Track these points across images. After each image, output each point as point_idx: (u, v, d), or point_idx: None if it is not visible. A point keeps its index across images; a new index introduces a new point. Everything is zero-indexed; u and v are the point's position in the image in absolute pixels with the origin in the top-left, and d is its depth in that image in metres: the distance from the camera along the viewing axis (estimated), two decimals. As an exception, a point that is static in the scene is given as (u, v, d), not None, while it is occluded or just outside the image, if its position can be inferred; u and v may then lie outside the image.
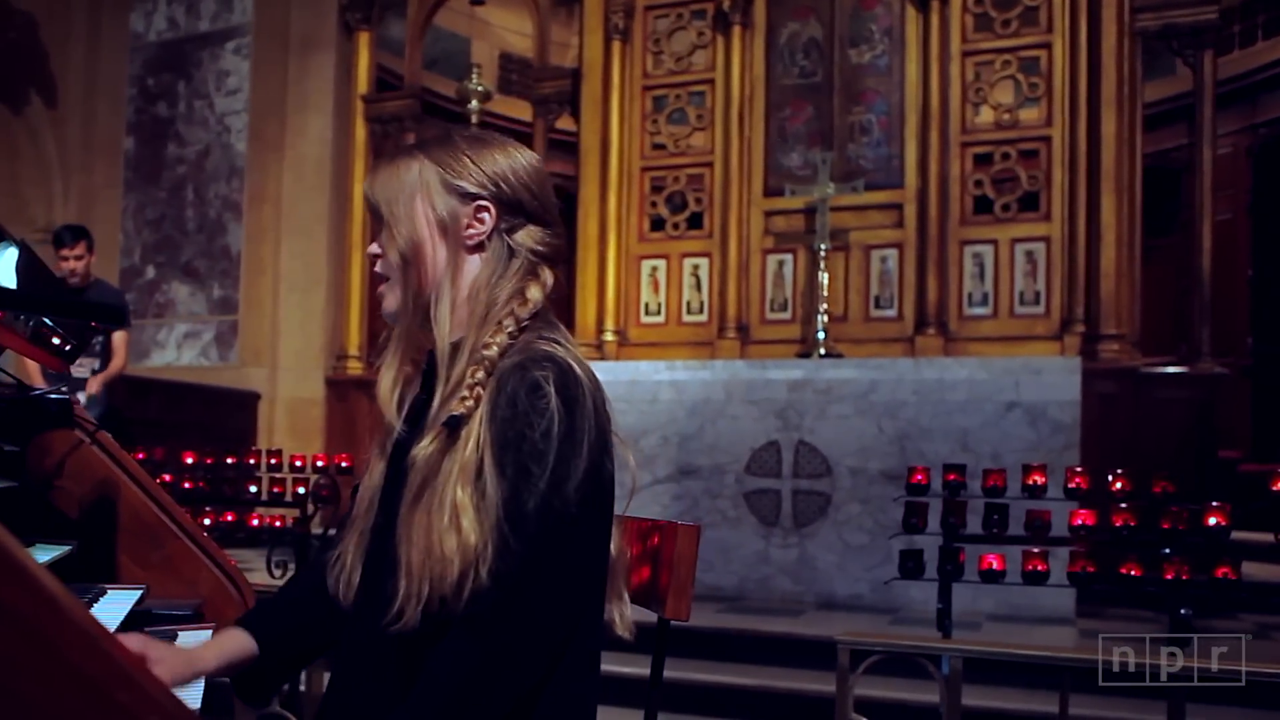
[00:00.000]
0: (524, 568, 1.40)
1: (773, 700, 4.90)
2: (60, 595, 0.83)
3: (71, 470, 2.51)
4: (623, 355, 7.86)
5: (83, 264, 6.75)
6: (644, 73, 8.29)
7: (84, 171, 10.76)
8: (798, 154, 7.81)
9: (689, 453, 6.59)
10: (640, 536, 1.96)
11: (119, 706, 0.84)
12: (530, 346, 1.51)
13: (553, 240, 1.65)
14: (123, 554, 2.52)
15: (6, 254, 1.93)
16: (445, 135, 1.69)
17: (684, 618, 1.84)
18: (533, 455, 1.41)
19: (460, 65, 11.13)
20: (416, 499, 1.47)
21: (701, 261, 7.95)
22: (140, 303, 10.25)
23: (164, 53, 10.47)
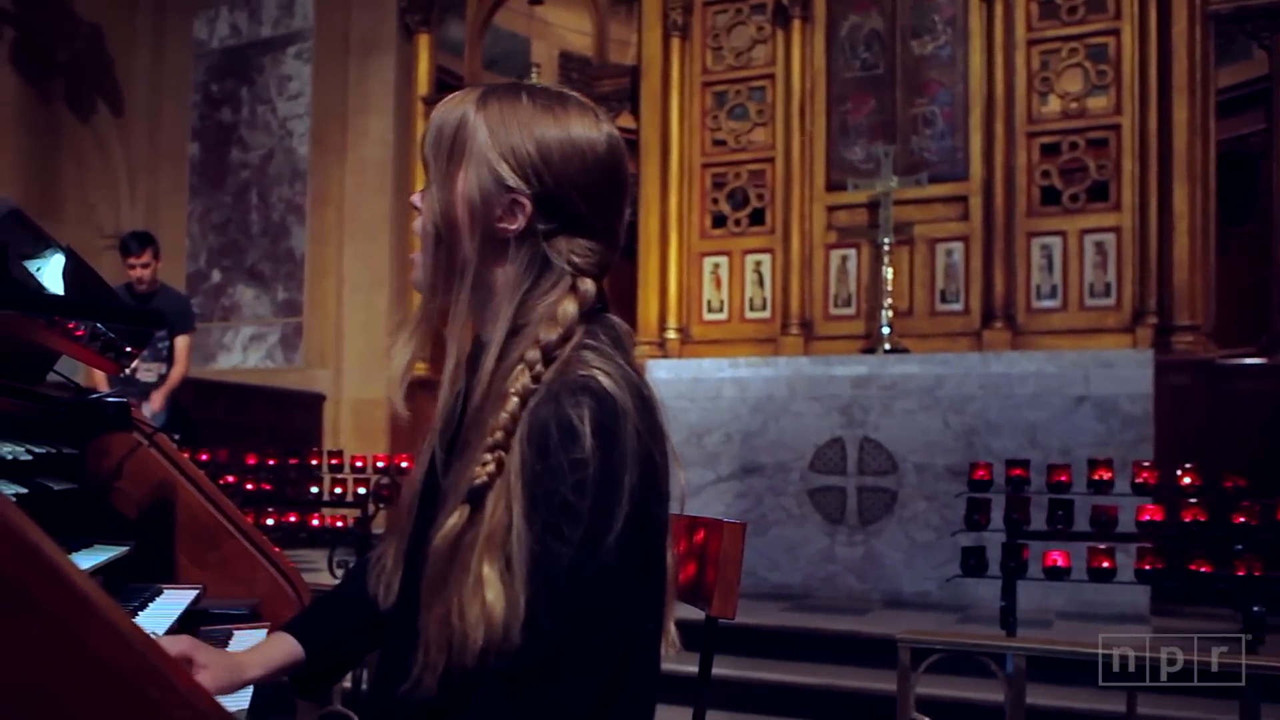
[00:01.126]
0: (560, 630, 1.29)
1: (836, 699, 4.94)
2: (93, 594, 0.87)
3: (130, 472, 2.56)
4: (685, 353, 7.94)
5: (149, 270, 6.99)
6: (703, 69, 8.37)
7: (150, 177, 11.06)
8: (860, 148, 7.85)
9: (752, 450, 6.67)
10: (686, 533, 1.93)
11: (149, 702, 0.87)
12: (565, 369, 1.36)
13: (599, 252, 1.45)
14: (181, 554, 2.57)
15: (54, 260, 1.91)
16: (515, 89, 1.47)
17: (730, 616, 1.80)
18: (565, 511, 1.28)
19: (520, 65, 11.27)
20: (441, 580, 1.38)
21: (764, 258, 8.01)
22: (206, 306, 10.52)
23: (227, 59, 10.74)
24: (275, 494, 6.04)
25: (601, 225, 1.45)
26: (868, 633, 5.34)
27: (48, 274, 1.87)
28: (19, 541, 0.84)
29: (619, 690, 1.40)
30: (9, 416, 2.16)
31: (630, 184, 1.51)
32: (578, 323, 1.41)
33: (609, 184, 1.45)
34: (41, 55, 10.41)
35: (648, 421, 1.35)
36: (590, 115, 1.45)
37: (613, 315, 1.49)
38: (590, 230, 1.44)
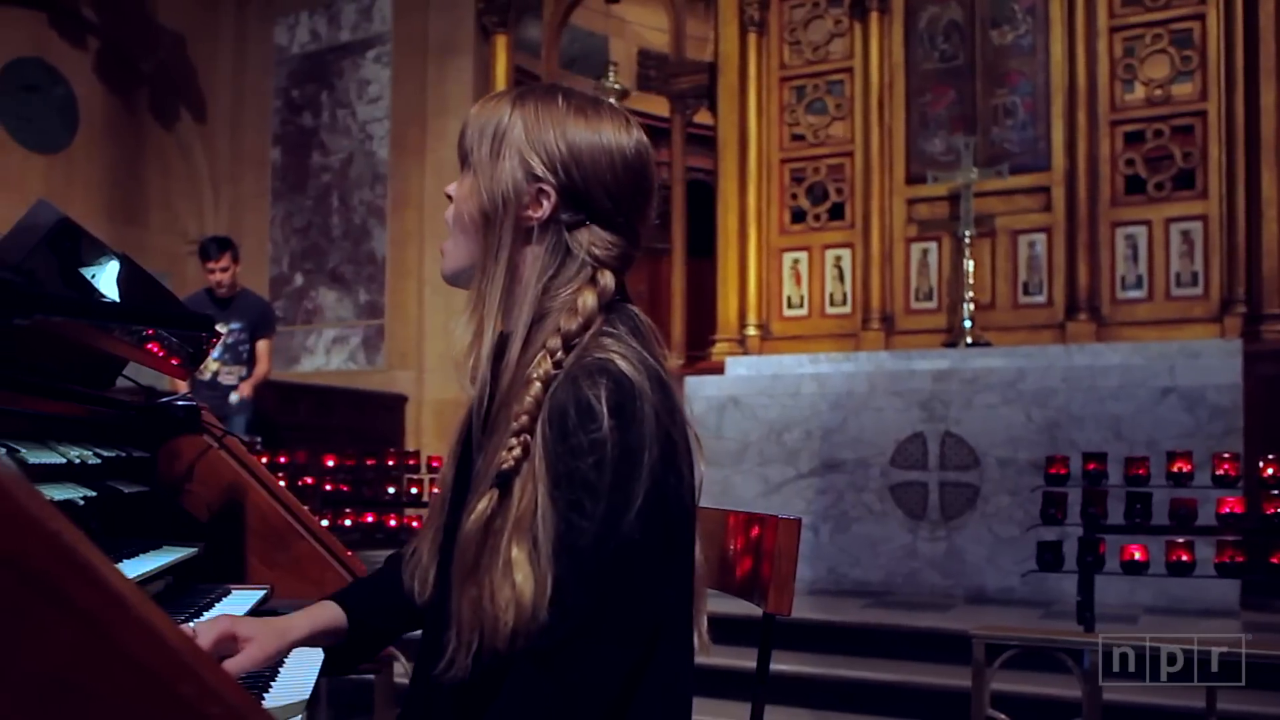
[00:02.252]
0: (586, 604, 1.38)
1: (915, 696, 5.02)
2: (127, 592, 0.88)
3: (200, 474, 2.64)
4: (766, 349, 8.09)
5: (228, 274, 7.28)
6: (781, 64, 8.51)
7: (233, 183, 11.45)
8: (940, 140, 7.97)
9: (832, 446, 6.82)
10: (742, 529, 1.98)
11: (180, 699, 0.89)
12: (584, 354, 1.46)
13: (620, 246, 1.56)
14: (251, 555, 2.65)
15: (109, 267, 1.95)
16: (552, 90, 1.59)
17: (786, 612, 1.82)
18: (585, 488, 1.37)
19: (599, 64, 11.50)
20: (473, 565, 1.46)
21: (844, 252, 8.15)
22: (289, 309, 10.89)
23: (307, 64, 11.10)
24: (353, 495, 6.25)
25: (624, 221, 1.55)
26: (945, 629, 5.42)
27: (103, 281, 1.92)
28: (54, 541, 0.88)
29: (649, 669, 1.48)
30: (80, 421, 2.25)
31: (656, 190, 1.62)
32: (597, 313, 1.50)
33: (634, 184, 1.55)
34: (126, 65, 10.86)
35: (666, 404, 1.43)
36: (622, 121, 1.57)
37: (634, 307, 1.58)
38: (612, 224, 1.54)
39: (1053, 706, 4.49)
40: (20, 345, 1.96)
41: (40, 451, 1.89)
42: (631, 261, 1.59)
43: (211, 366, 7.29)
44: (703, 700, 4.49)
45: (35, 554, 0.85)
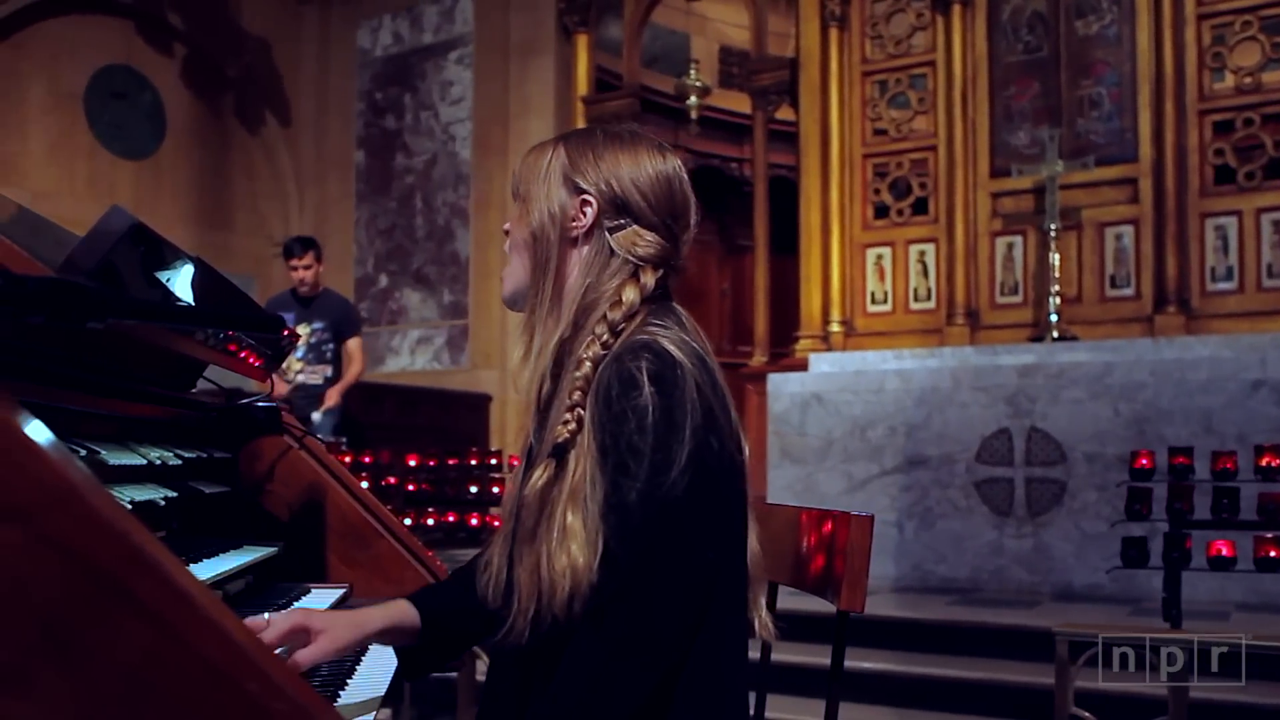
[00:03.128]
0: (634, 560, 1.49)
1: (1000, 694, 5.07)
2: (195, 592, 0.96)
3: (281, 475, 2.70)
4: (850, 346, 8.16)
5: (311, 273, 7.49)
6: (863, 58, 8.58)
7: (318, 186, 11.76)
8: (1024, 132, 8.01)
9: (917, 442, 6.92)
10: (815, 525, 2.05)
11: (246, 695, 0.95)
12: (629, 339, 1.61)
13: (660, 246, 1.71)
14: (331, 554, 2.71)
15: (184, 271, 1.99)
16: (590, 130, 1.81)
17: (859, 609, 1.88)
18: (630, 450, 1.50)
19: (680, 61, 11.65)
20: (531, 534, 1.59)
21: (928, 247, 8.19)
22: (374, 311, 11.17)
23: (390, 67, 11.38)
24: (435, 494, 6.39)
25: (661, 224, 1.73)
26: (1030, 626, 5.46)
27: (178, 284, 1.96)
28: (124, 543, 0.95)
29: (702, 633, 1.57)
30: (161, 423, 2.33)
31: (693, 210, 1.79)
32: (638, 305, 1.67)
33: (669, 194, 1.74)
34: (212, 70, 11.20)
35: (707, 378, 1.59)
36: (658, 150, 1.78)
37: (679, 307, 1.75)
38: (651, 225, 1.72)
39: (1138, 704, 4.51)
40: (102, 349, 2.03)
41: (120, 453, 1.96)
42: (674, 265, 1.76)
43: (295, 366, 7.53)
44: (782, 698, 4.66)
45: (105, 555, 0.94)
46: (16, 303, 1.13)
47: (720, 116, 11.78)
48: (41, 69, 9.92)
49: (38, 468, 0.96)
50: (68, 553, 0.95)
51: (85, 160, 10.25)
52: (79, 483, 0.96)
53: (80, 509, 0.95)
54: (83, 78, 10.23)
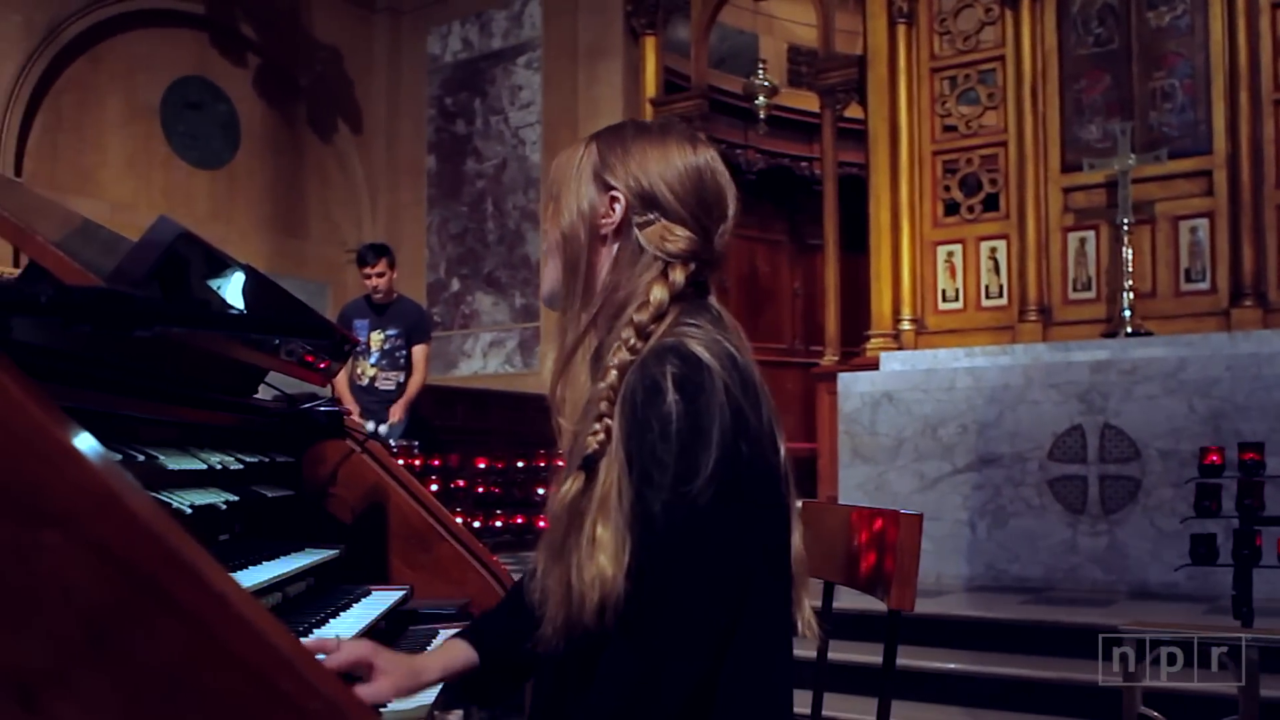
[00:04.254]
0: (660, 570, 1.47)
1: (1071, 693, 4.99)
2: (231, 592, 0.97)
3: (343, 478, 2.75)
4: (921, 344, 8.11)
5: (385, 280, 7.60)
6: (931, 54, 8.52)
7: (390, 192, 11.89)
8: (1095, 126, 7.91)
9: (989, 441, 6.85)
10: (866, 522, 2.05)
11: (281, 694, 0.96)
12: (657, 342, 1.57)
13: (689, 241, 1.67)
14: (393, 556, 2.76)
15: (234, 278, 2.03)
16: (621, 126, 1.78)
17: (909, 607, 1.88)
18: (653, 459, 1.47)
19: (748, 61, 11.64)
20: (561, 545, 1.57)
21: (999, 244, 8.11)
22: (446, 314, 11.28)
23: (460, 72, 11.49)
24: (503, 496, 6.44)
25: (691, 218, 1.68)
26: (1100, 625, 5.32)
27: (229, 291, 2.01)
28: (161, 546, 0.96)
29: (739, 638, 1.54)
30: (224, 429, 2.36)
31: (725, 200, 1.74)
32: (667, 304, 1.63)
33: (700, 186, 1.70)
34: (284, 80, 11.37)
35: (737, 379, 1.53)
36: (688, 142, 1.74)
37: (716, 303, 1.72)
38: (680, 220, 1.68)
39: (1208, 704, 4.42)
40: (165, 357, 2.11)
41: (181, 458, 2.00)
42: (708, 260, 1.71)
43: (369, 372, 7.65)
44: (848, 697, 4.63)
45: (143, 558, 0.96)
46: (65, 312, 1.15)
47: (789, 116, 11.76)
48: (118, 82, 10.11)
49: (77, 473, 0.99)
50: (107, 556, 0.97)
51: (162, 171, 10.43)
52: (118, 487, 0.99)
53: (119, 513, 0.98)
54: (158, 90, 10.42)
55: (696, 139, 1.77)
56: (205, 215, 10.63)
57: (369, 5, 11.96)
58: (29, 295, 1.15)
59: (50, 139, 9.58)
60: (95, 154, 9.94)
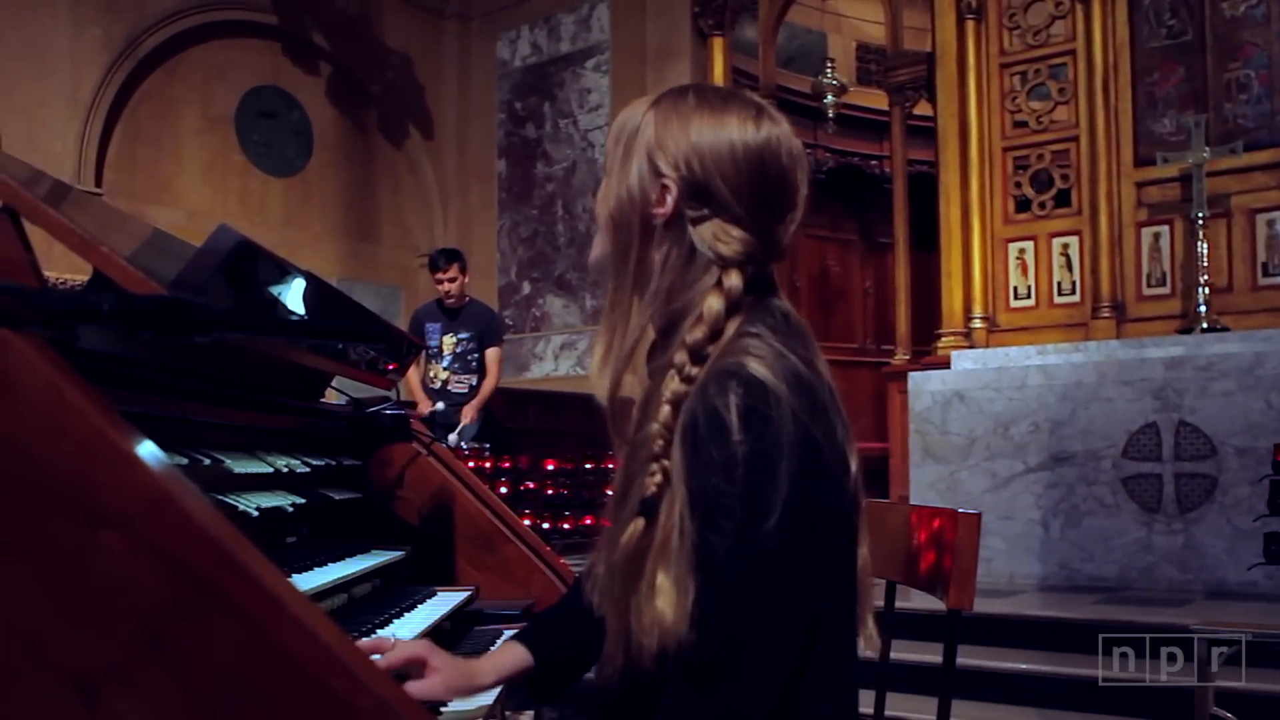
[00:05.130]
0: (726, 621, 1.36)
1: (1143, 693, 4.92)
2: (284, 593, 1.00)
3: (410, 481, 2.79)
4: (993, 342, 8.04)
5: (456, 285, 7.68)
6: (1000, 50, 8.44)
7: (461, 196, 11.99)
8: (1169, 119, 7.80)
9: (1061, 439, 6.78)
10: (925, 521, 2.04)
11: (331, 690, 0.98)
12: (717, 359, 1.44)
13: (747, 243, 1.52)
14: (460, 558, 2.78)
15: (295, 285, 2.03)
16: (685, 89, 1.61)
17: (968, 607, 1.86)
18: (718, 504, 1.35)
19: (817, 61, 11.62)
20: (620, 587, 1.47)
21: (1071, 240, 8.02)
22: (518, 317, 11.35)
23: (529, 77, 11.55)
24: (572, 498, 6.45)
25: (748, 216, 1.51)
26: (1172, 624, 5.27)
27: (289, 297, 2.01)
28: (216, 547, 1.00)
29: (806, 677, 1.44)
30: (292, 433, 2.41)
31: (792, 188, 1.57)
32: (723, 319, 1.48)
33: (758, 176, 1.52)
34: (356, 87, 11.49)
35: (807, 403, 1.39)
36: (751, 115, 1.54)
37: (779, 299, 1.56)
38: (736, 219, 1.51)
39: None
40: (231, 363, 2.15)
41: (247, 461, 2.04)
42: (763, 261, 1.55)
43: (442, 375, 7.73)
44: (904, 696, 4.60)
45: (199, 559, 1.00)
46: (126, 320, 1.18)
47: (858, 114, 11.71)
48: (194, 93, 10.28)
49: (135, 476, 1.03)
50: (164, 557, 1.01)
51: (237, 179, 10.59)
52: (174, 490, 1.02)
53: (175, 515, 1.01)
54: (233, 99, 10.58)
55: (762, 111, 1.57)
56: (279, 222, 10.79)
57: (438, 12, 12.06)
58: (93, 304, 1.18)
59: (129, 150, 9.76)
60: (172, 163, 10.11)
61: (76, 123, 9.22)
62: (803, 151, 1.60)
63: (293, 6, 10.74)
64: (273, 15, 10.65)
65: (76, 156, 9.18)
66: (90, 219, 1.91)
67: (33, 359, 1.06)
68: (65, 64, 9.19)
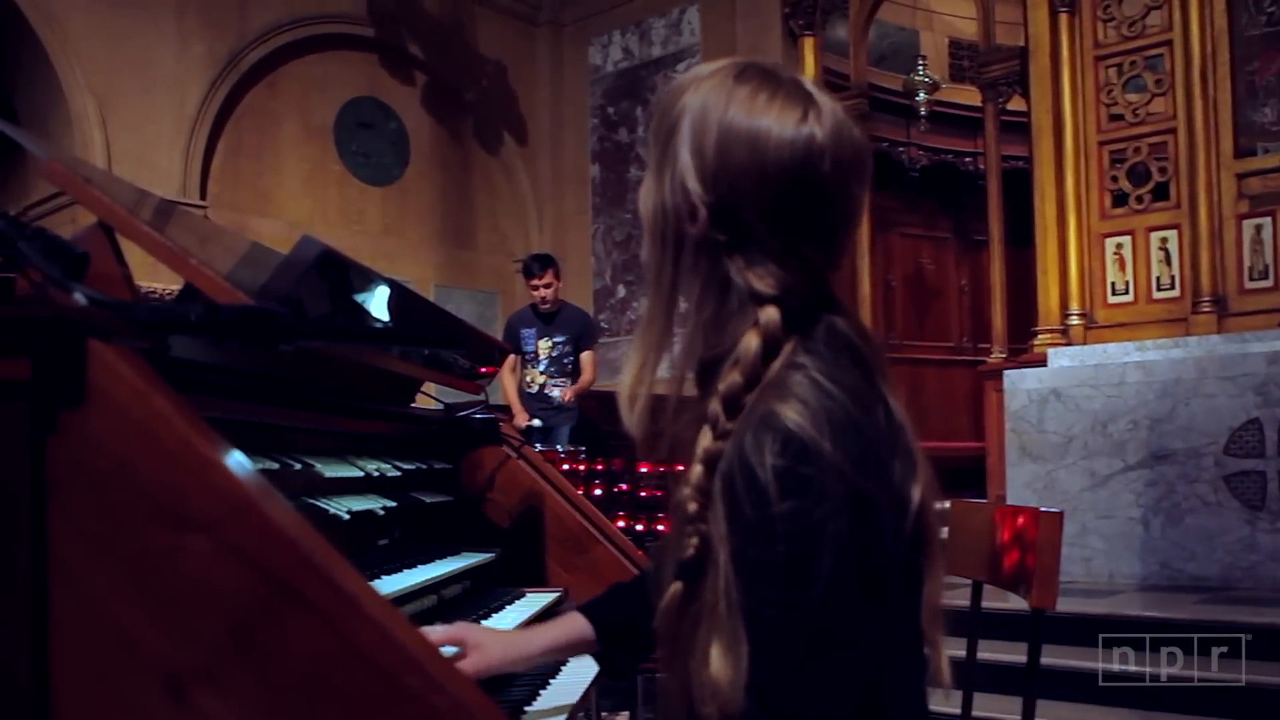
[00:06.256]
0: (777, 687, 1.26)
1: (1246, 696, 4.88)
2: (362, 594, 1.03)
3: (500, 483, 2.83)
4: (1091, 339, 7.92)
5: (551, 290, 7.77)
6: (1095, 42, 8.32)
7: (555, 201, 12.06)
8: (1270, 109, 7.63)
9: (1161, 436, 6.67)
10: (1010, 518, 2.01)
11: (407, 689, 1.00)
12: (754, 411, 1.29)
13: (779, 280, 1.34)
14: (550, 560, 2.81)
15: (379, 292, 2.03)
16: (730, 72, 1.38)
17: (1050, 606, 1.83)
18: (759, 570, 1.24)
19: (909, 58, 11.53)
20: (671, 654, 1.38)
21: (1169, 234, 7.86)
22: (613, 321, 11.39)
23: (621, 81, 11.60)
24: (665, 500, 6.45)
25: (785, 248, 1.34)
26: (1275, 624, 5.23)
27: (374, 305, 2.01)
28: (295, 550, 1.02)
29: None
30: (383, 437, 2.46)
31: (839, 199, 1.36)
32: (761, 363, 1.33)
33: (796, 201, 1.33)
34: (451, 96, 11.61)
35: (853, 452, 1.26)
36: (795, 110, 1.33)
37: (834, 313, 1.39)
38: (768, 251, 1.34)
39: None
40: (324, 371, 2.19)
41: (338, 466, 2.09)
42: (804, 289, 1.37)
43: (538, 379, 7.81)
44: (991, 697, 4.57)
45: (279, 561, 1.03)
46: (213, 329, 1.23)
47: (951, 111, 11.60)
48: (294, 106, 10.45)
49: (219, 481, 1.06)
50: (247, 559, 1.05)
51: (336, 189, 10.75)
52: (256, 495, 1.06)
53: (257, 519, 1.05)
54: (332, 111, 10.74)
55: (809, 101, 1.35)
56: (378, 230, 10.94)
57: (531, 19, 12.15)
58: (180, 314, 1.22)
59: (232, 163, 9.95)
60: (273, 175, 10.29)
61: (182, 138, 9.42)
62: (857, 144, 1.38)
63: (388, 18, 10.88)
64: (369, 27, 10.79)
65: (182, 170, 9.37)
66: (186, 234, 1.97)
67: (122, 369, 1.10)
68: (171, 81, 9.40)
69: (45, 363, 1.08)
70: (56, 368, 1.08)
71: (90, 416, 1.09)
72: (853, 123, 1.39)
